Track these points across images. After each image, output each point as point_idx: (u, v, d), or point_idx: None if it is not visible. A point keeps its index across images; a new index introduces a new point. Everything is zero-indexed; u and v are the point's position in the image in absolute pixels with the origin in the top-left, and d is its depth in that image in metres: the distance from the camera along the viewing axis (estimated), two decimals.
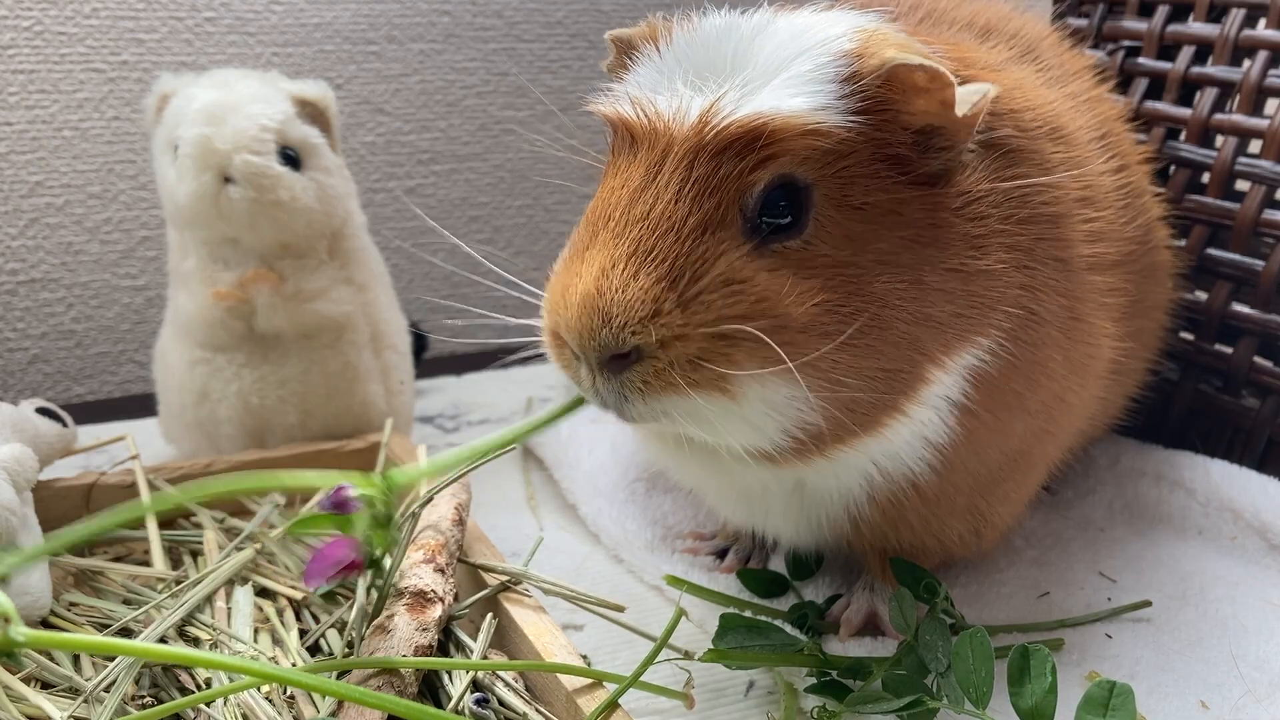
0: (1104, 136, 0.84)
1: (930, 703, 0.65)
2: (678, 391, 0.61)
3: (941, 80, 0.61)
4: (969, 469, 0.73)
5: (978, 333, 0.67)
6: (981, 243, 0.66)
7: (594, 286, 0.61)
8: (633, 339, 0.60)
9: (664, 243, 0.61)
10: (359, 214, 1.09)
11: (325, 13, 1.47)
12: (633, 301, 0.60)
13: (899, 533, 0.77)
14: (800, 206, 0.62)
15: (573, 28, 1.63)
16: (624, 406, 0.63)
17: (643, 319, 0.60)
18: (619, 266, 0.61)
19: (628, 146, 0.65)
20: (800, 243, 0.62)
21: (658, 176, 0.62)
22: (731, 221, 0.62)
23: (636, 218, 0.62)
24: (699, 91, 0.63)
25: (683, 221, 0.61)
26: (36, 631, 0.48)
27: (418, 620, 0.66)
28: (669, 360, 0.60)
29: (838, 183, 0.63)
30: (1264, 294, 0.98)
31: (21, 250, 1.37)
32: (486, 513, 0.86)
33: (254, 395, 1.00)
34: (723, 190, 0.61)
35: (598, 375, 0.62)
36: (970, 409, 0.69)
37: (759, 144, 0.61)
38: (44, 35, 1.33)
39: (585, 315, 0.61)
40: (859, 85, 0.62)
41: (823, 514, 0.76)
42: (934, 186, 0.65)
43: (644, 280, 0.60)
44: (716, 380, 0.61)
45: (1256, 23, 1.01)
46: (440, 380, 1.36)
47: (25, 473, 0.78)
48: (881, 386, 0.64)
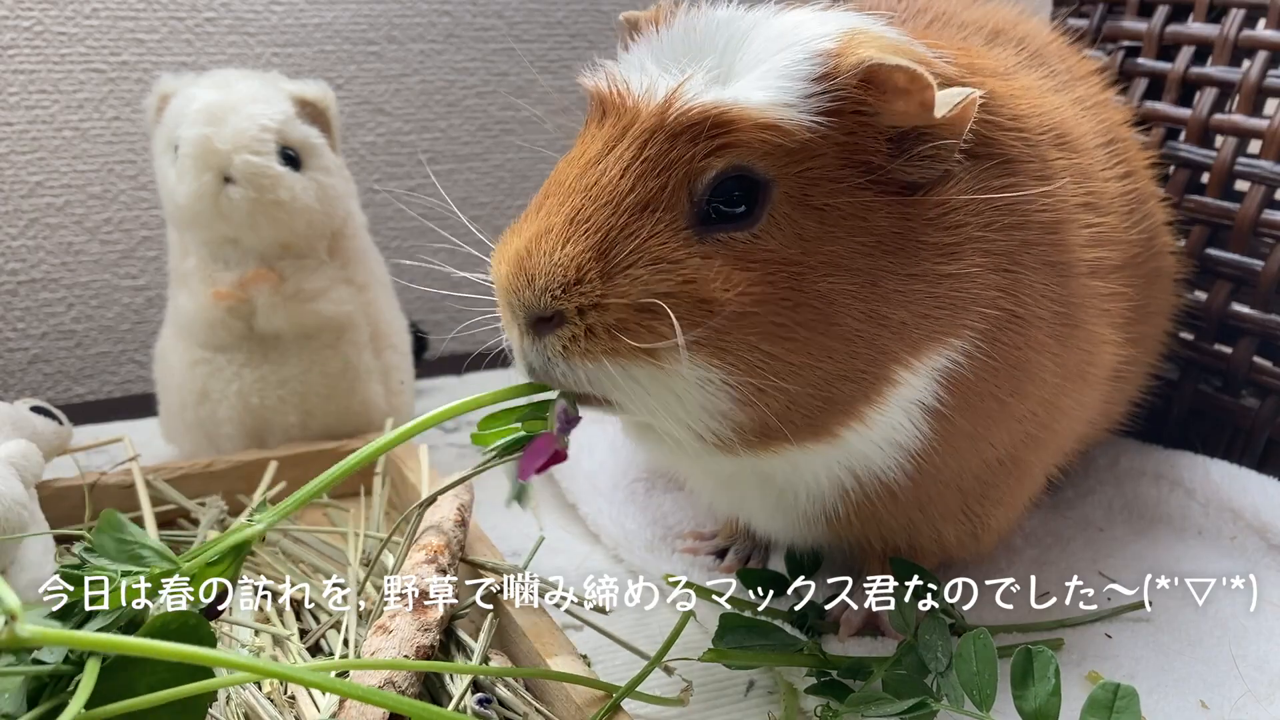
0: (1110, 142, 0.83)
1: (933, 704, 0.65)
2: (594, 359, 0.62)
3: (920, 82, 0.61)
4: (948, 475, 0.73)
5: (949, 334, 0.66)
6: (954, 249, 0.65)
7: (525, 248, 0.63)
8: (553, 303, 0.61)
9: (601, 215, 0.62)
10: (359, 214, 1.09)
11: (325, 13, 1.47)
12: (557, 266, 0.61)
13: (880, 534, 0.77)
14: (755, 200, 0.62)
15: (573, 28, 1.63)
16: (548, 368, 0.64)
17: (564, 284, 0.61)
18: (554, 231, 0.62)
19: (598, 118, 0.66)
20: (747, 235, 0.62)
21: (612, 150, 0.63)
22: (676, 204, 0.62)
23: (582, 187, 0.63)
24: (668, 74, 0.63)
25: (623, 196, 0.62)
26: (42, 629, 0.48)
27: (420, 621, 0.66)
28: (585, 327, 0.61)
29: (800, 182, 0.62)
30: (1264, 294, 0.98)
31: (22, 250, 1.37)
32: (487, 513, 0.86)
33: (254, 395, 1.00)
34: (671, 171, 0.62)
35: (524, 335, 0.64)
36: (944, 414, 0.68)
37: (715, 132, 0.61)
38: (44, 35, 1.33)
39: (513, 274, 0.63)
40: (833, 85, 0.61)
41: (797, 509, 0.75)
42: (909, 194, 0.64)
43: (572, 248, 0.61)
44: (635, 351, 0.61)
45: (1256, 23, 1.01)
46: (440, 380, 1.35)
47: (32, 467, 0.79)
48: (833, 389, 0.64)
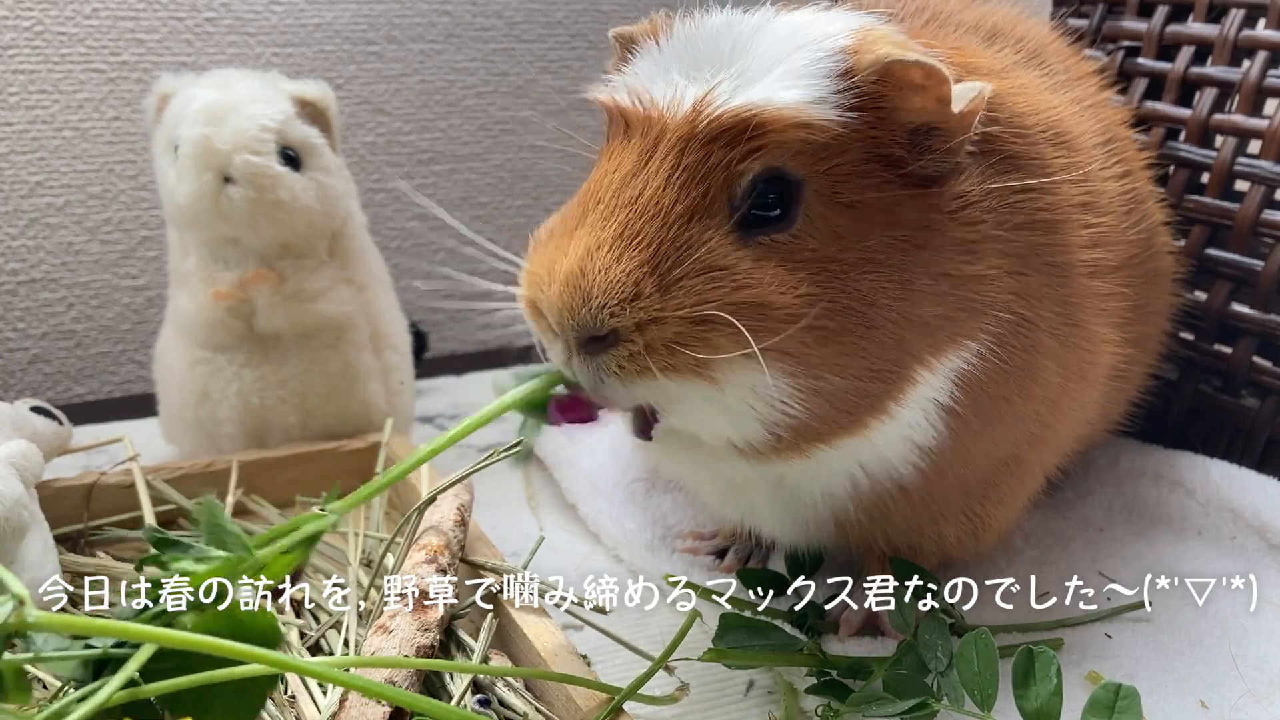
0: (1109, 141, 0.84)
1: (934, 704, 0.65)
2: (652, 377, 0.61)
3: (937, 77, 0.61)
4: (957, 473, 0.73)
5: (967, 336, 0.67)
6: (974, 247, 0.65)
7: (578, 266, 0.61)
8: (610, 320, 0.60)
9: (650, 228, 0.61)
10: (359, 214, 1.09)
11: (325, 13, 1.47)
12: (614, 283, 0.60)
13: (886, 534, 0.77)
14: (790, 201, 0.62)
15: (573, 28, 1.63)
16: (600, 389, 0.63)
17: (622, 301, 0.60)
18: (604, 248, 0.61)
19: (622, 133, 0.66)
20: (787, 236, 0.62)
21: (649, 163, 0.63)
22: (718, 210, 0.62)
23: (625, 201, 0.62)
24: (694, 81, 0.63)
25: (670, 208, 0.61)
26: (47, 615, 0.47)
27: (419, 621, 0.66)
28: (644, 344, 0.60)
29: (829, 179, 0.63)
30: (1264, 294, 0.98)
31: (22, 250, 1.37)
32: (487, 513, 0.86)
33: (254, 395, 1.00)
34: (711, 178, 0.62)
35: (575, 355, 0.63)
36: (958, 413, 0.69)
37: (749, 135, 0.61)
38: (44, 35, 1.33)
39: (567, 293, 0.61)
40: (854, 81, 0.62)
41: (808, 513, 0.75)
42: (928, 188, 0.65)
43: (627, 263, 0.60)
44: (694, 366, 0.61)
45: (1256, 23, 1.01)
46: (440, 380, 1.36)
47: (32, 468, 0.80)
48: (866, 385, 0.64)
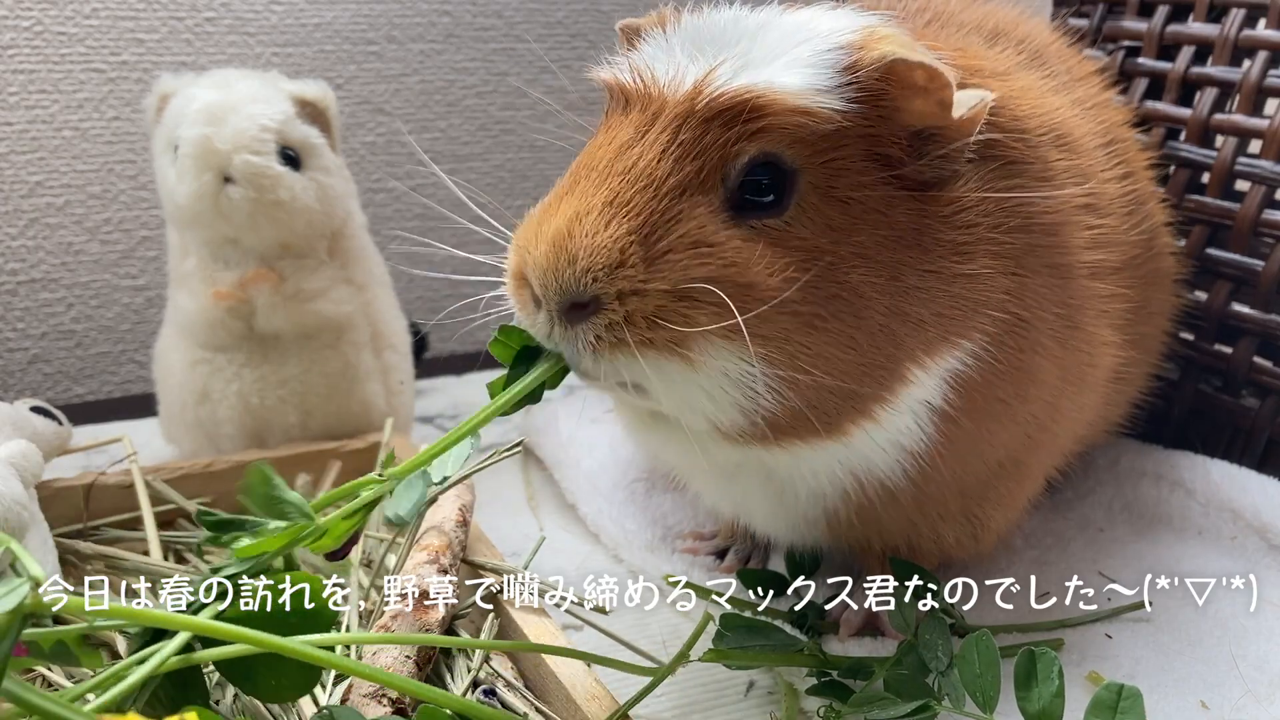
0: (1110, 143, 0.83)
1: (936, 705, 0.65)
2: (629, 350, 0.60)
3: (940, 80, 0.61)
4: (951, 477, 0.72)
5: (960, 335, 0.66)
6: (967, 249, 0.65)
7: (566, 228, 0.61)
8: (593, 286, 0.60)
9: (641, 198, 0.61)
10: (359, 214, 1.09)
11: (325, 13, 1.47)
12: (600, 248, 0.60)
13: (880, 535, 0.77)
14: (783, 188, 0.62)
15: (573, 28, 1.63)
16: (577, 359, 0.63)
17: (607, 265, 0.60)
18: (593, 213, 0.61)
19: (621, 108, 0.66)
20: (779, 222, 0.62)
21: (645, 135, 0.63)
22: (711, 188, 0.62)
23: (618, 171, 0.62)
24: (696, 62, 0.63)
25: (663, 180, 0.61)
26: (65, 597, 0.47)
27: (420, 621, 0.66)
28: (624, 314, 0.60)
29: (825, 172, 0.62)
30: (1264, 294, 0.98)
31: (21, 250, 1.37)
32: (487, 513, 0.86)
33: (254, 395, 1.00)
34: (706, 156, 0.62)
35: (555, 323, 0.62)
36: (951, 415, 0.68)
37: (748, 116, 0.61)
38: (44, 35, 1.33)
39: (553, 253, 0.61)
40: (857, 76, 0.62)
41: (799, 509, 0.75)
42: (924, 191, 0.64)
43: (615, 230, 0.60)
44: (672, 341, 0.60)
45: (1256, 23, 1.01)
46: (440, 380, 1.36)
47: (32, 468, 0.79)
48: (853, 386, 0.63)
